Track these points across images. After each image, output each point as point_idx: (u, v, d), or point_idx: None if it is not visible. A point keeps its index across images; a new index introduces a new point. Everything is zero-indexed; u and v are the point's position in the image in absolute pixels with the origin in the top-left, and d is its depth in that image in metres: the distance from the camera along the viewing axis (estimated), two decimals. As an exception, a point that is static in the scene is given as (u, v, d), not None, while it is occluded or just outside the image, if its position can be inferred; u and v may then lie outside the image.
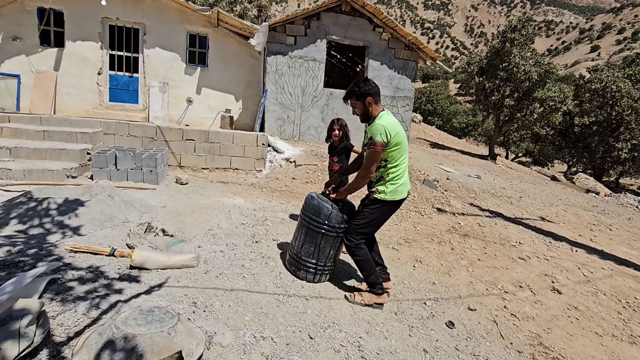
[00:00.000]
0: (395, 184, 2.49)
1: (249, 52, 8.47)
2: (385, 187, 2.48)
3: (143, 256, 2.39)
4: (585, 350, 2.70)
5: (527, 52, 17.63)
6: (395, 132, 2.41)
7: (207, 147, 6.19)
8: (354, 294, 2.69)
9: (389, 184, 2.48)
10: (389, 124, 2.42)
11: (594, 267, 4.59)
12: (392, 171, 2.47)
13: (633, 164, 23.19)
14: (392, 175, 2.48)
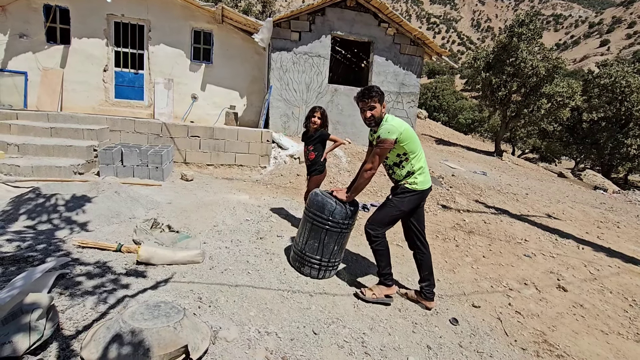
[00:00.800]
0: (423, 174, 2.57)
1: (253, 48, 8.46)
2: (416, 178, 2.55)
3: (149, 252, 2.42)
4: (591, 348, 2.69)
5: (534, 47, 17.41)
6: (404, 127, 2.50)
7: (212, 144, 6.22)
8: (364, 290, 2.69)
9: (417, 174, 2.54)
10: (397, 123, 2.52)
11: (601, 264, 4.56)
12: (415, 162, 2.54)
13: (641, 161, 22.81)
14: (418, 166, 2.55)
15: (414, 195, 2.55)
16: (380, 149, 2.50)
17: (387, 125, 2.48)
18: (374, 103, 2.54)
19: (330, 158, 7.02)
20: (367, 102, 2.56)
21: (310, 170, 3.82)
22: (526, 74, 16.91)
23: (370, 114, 2.56)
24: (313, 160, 3.78)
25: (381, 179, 6.61)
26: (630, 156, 22.51)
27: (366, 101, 2.56)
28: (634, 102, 21.20)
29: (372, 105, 2.54)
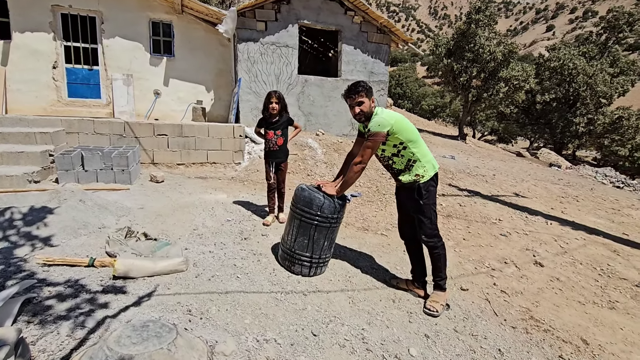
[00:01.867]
0: (427, 158, 2.52)
1: (217, 40, 8.08)
2: (423, 168, 2.48)
3: (126, 264, 2.22)
4: (572, 319, 2.83)
5: (491, 32, 18.04)
6: (395, 119, 2.44)
7: (182, 142, 5.89)
8: (431, 305, 2.58)
9: (423, 162, 2.48)
10: (388, 115, 2.46)
11: (569, 238, 4.84)
12: (416, 150, 2.47)
13: (589, 137, 24.61)
14: (419, 154, 2.48)
15: (432, 186, 2.52)
16: (372, 142, 2.43)
17: (378, 119, 2.42)
18: (361, 98, 2.47)
19: (305, 150, 6.90)
20: (354, 99, 2.49)
21: (277, 157, 3.73)
22: (485, 59, 17.53)
23: (359, 109, 2.49)
24: (282, 146, 3.70)
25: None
26: (579, 133, 24.23)
27: (353, 97, 2.49)
28: (581, 83, 22.71)
29: (360, 100, 2.48)
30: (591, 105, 23.31)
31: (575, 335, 2.60)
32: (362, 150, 2.52)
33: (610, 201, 8.08)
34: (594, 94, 22.57)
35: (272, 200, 3.77)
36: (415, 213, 2.55)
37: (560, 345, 2.46)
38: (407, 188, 2.55)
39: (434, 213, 2.55)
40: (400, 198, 2.74)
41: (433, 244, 2.54)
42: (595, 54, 23.60)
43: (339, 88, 8.34)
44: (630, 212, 7.17)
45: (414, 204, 2.53)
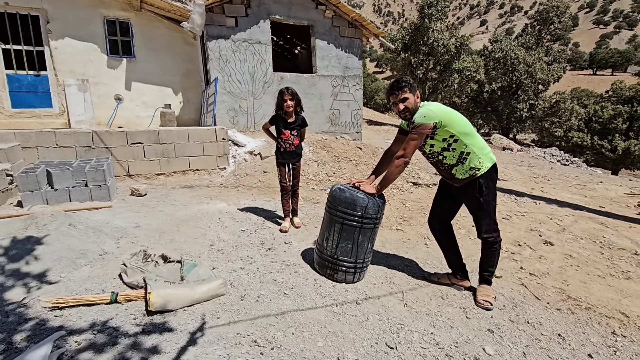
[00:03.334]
0: (484, 150, 2.37)
1: (182, 38, 7.50)
2: (478, 159, 2.33)
3: (163, 295, 1.87)
4: (603, 294, 2.91)
5: (443, 26, 18.84)
6: (444, 110, 2.31)
7: (160, 150, 5.35)
8: (484, 299, 2.49)
9: (478, 154, 2.33)
10: (435, 107, 2.31)
11: (560, 215, 5.09)
12: (469, 142, 2.32)
13: (532, 121, 26.75)
14: (474, 145, 2.33)
15: (491, 180, 2.40)
16: (417, 133, 2.28)
17: (423, 110, 2.28)
18: (405, 94, 2.31)
19: (292, 150, 6.63)
20: (397, 95, 2.32)
21: (293, 157, 3.52)
22: (439, 52, 18.29)
23: (404, 105, 2.33)
24: (297, 146, 3.52)
25: (347, 165, 6.48)
26: (523, 118, 26.28)
27: (397, 94, 2.32)
28: (522, 71, 24.58)
29: (404, 97, 2.32)
30: (530, 92, 25.38)
31: (614, 309, 2.67)
32: (406, 144, 2.37)
33: (573, 178, 8.76)
34: (534, 81, 24.56)
35: (288, 204, 3.50)
36: (476, 210, 2.44)
37: (607, 322, 2.49)
38: (466, 186, 2.42)
39: (494, 207, 2.45)
40: (459, 197, 2.59)
41: (493, 239, 2.46)
42: (532, 44, 25.62)
43: (316, 85, 8.15)
44: (594, 187, 7.80)
45: (474, 202, 2.42)
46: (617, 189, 8.08)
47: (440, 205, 2.77)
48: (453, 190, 2.63)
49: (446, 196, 2.72)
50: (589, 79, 67.96)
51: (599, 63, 74.53)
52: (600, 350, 2.15)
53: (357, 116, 8.75)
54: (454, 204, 2.71)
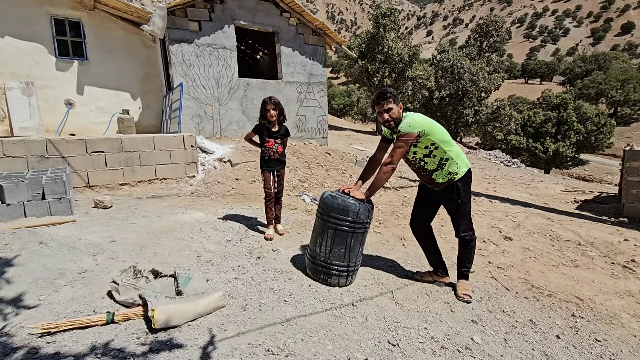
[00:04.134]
0: (460, 157, 2.58)
1: (140, 41, 7.15)
2: (456, 165, 2.53)
3: (167, 312, 1.82)
4: (559, 282, 3.29)
5: (397, 34, 19.80)
6: (426, 120, 2.48)
7: (123, 158, 5.05)
8: (464, 293, 2.68)
9: (455, 160, 2.53)
10: (418, 117, 2.50)
11: (513, 212, 5.61)
12: (448, 149, 2.52)
13: (477, 125, 28.92)
14: (452, 152, 2.53)
15: (467, 183, 2.62)
16: (403, 141, 2.44)
17: (409, 120, 2.45)
18: (389, 105, 2.48)
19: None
20: (382, 105, 2.48)
21: (277, 165, 3.57)
22: (394, 60, 19.19)
23: (388, 115, 2.49)
24: (281, 154, 3.57)
25: (319, 170, 6.57)
26: (469, 123, 28.35)
27: (382, 104, 2.48)
28: (467, 80, 26.55)
29: (389, 107, 2.48)
30: (475, 98, 27.49)
31: (570, 294, 3.03)
32: (393, 151, 2.52)
33: (518, 178, 9.67)
34: (477, 89, 26.62)
35: (272, 212, 3.50)
36: (454, 211, 2.65)
37: (567, 306, 2.83)
38: (445, 189, 2.62)
39: (470, 208, 2.68)
40: (439, 200, 2.79)
41: (469, 237, 2.68)
42: (474, 55, 27.77)
43: (282, 91, 8.19)
44: (536, 186, 8.67)
45: (452, 204, 2.63)
46: (555, 187, 9.06)
47: (421, 209, 2.96)
48: (433, 194, 2.84)
49: (426, 200, 2.92)
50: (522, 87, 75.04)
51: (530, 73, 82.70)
52: (565, 331, 2.44)
53: (323, 122, 8.92)
54: (434, 207, 2.92)
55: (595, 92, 45.90)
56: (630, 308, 2.83)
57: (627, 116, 46.43)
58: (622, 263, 3.80)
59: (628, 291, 3.15)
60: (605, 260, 3.88)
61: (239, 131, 7.58)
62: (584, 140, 24.52)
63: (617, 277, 3.46)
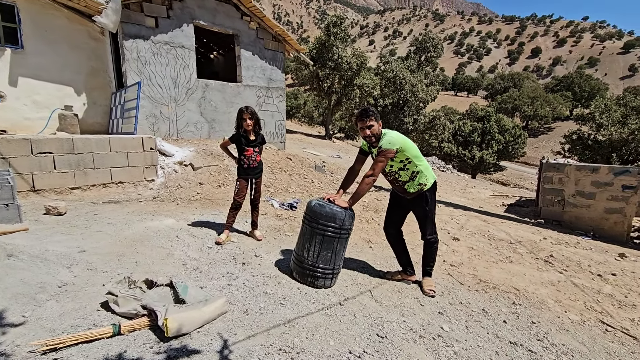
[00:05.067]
0: (428, 170, 2.94)
1: (87, 32, 6.61)
2: (425, 177, 2.89)
3: (179, 320, 1.87)
4: (500, 275, 3.88)
5: (346, 44, 20.59)
6: (402, 138, 2.81)
7: (75, 160, 4.67)
8: (429, 289, 3.05)
9: (425, 173, 2.89)
10: (396, 135, 2.84)
11: (457, 215, 6.33)
12: (419, 163, 2.87)
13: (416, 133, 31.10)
14: (422, 166, 2.89)
15: (433, 193, 2.98)
16: (384, 156, 2.75)
17: (389, 137, 2.77)
18: (371, 122, 2.77)
19: (225, 159, 6.51)
20: (365, 122, 2.77)
21: (256, 173, 3.67)
22: (343, 68, 19.94)
23: (369, 132, 2.78)
24: (259, 162, 3.67)
25: (282, 175, 6.69)
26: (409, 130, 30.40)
27: (365, 120, 2.77)
28: (407, 90, 28.48)
29: (370, 124, 2.77)
30: (414, 108, 29.60)
31: (509, 286, 3.61)
32: (374, 165, 2.82)
33: (455, 183, 10.76)
34: (417, 99, 28.67)
35: (233, 219, 3.54)
36: (422, 217, 3.03)
37: (508, 295, 3.38)
38: (415, 198, 2.99)
39: (434, 214, 3.09)
40: (409, 207, 3.14)
41: (433, 239, 3.08)
42: (414, 67, 29.91)
43: (241, 94, 8.15)
44: (471, 191, 9.76)
45: (421, 211, 3.00)
46: (485, 192, 10.28)
47: (393, 215, 3.31)
48: (404, 202, 3.21)
49: (398, 207, 3.28)
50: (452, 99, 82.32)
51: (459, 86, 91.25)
52: (509, 316, 2.93)
53: (281, 127, 9.04)
54: (404, 213, 3.29)
55: (511, 106, 52.31)
56: (553, 295, 3.47)
57: (536, 129, 53.68)
58: (544, 258, 4.57)
59: (550, 281, 3.83)
60: (531, 256, 4.63)
61: (197, 133, 7.38)
62: (503, 149, 27.88)
63: (542, 270, 4.17)
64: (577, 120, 29.76)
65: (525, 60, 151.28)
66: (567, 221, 6.35)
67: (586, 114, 23.63)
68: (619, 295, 3.51)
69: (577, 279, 3.89)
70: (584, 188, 6.09)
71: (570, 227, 6.27)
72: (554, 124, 54.05)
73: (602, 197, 5.89)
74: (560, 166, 6.37)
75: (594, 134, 18.89)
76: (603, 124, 17.54)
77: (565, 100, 55.72)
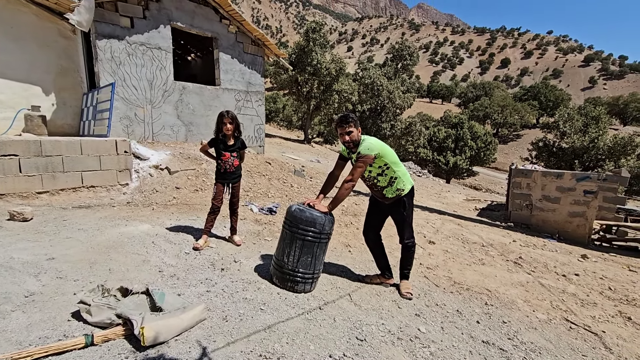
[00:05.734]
0: (406, 175, 3.00)
1: (56, 30, 6.35)
2: (403, 183, 2.96)
3: (157, 329, 1.83)
4: (473, 277, 4.03)
5: (325, 50, 20.79)
6: (381, 144, 2.87)
7: (43, 163, 4.45)
8: (406, 292, 3.11)
9: (402, 178, 2.96)
10: (375, 141, 2.89)
11: (433, 219, 6.51)
12: (397, 169, 2.94)
13: (393, 138, 31.73)
14: (400, 172, 2.96)
15: (411, 198, 3.06)
16: (363, 162, 2.81)
17: (367, 143, 2.83)
18: (350, 128, 2.83)
19: (203, 164, 6.40)
20: (345, 128, 2.83)
21: (233, 178, 3.64)
22: (322, 73, 20.10)
23: (348, 137, 2.84)
24: (237, 167, 3.65)
25: (261, 180, 6.65)
26: (386, 136, 30.98)
27: (344, 127, 2.83)
28: (384, 97, 29.07)
29: (350, 130, 2.83)
30: (391, 114, 30.24)
31: (481, 287, 3.75)
32: (353, 170, 2.88)
33: (430, 188, 11.06)
34: (394, 105, 29.32)
35: (211, 224, 3.50)
36: (400, 222, 3.10)
37: (480, 297, 3.52)
38: (394, 203, 3.06)
39: (412, 219, 3.17)
40: (388, 211, 3.21)
41: (411, 243, 3.16)
42: (391, 75, 30.59)
43: (219, 97, 8.06)
44: (445, 195, 10.06)
45: (399, 215, 3.07)
46: (459, 196, 10.63)
47: (372, 219, 3.38)
48: (383, 207, 3.28)
49: (377, 211, 3.35)
50: (427, 105, 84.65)
51: (434, 94, 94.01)
52: (482, 317, 3.05)
53: (260, 131, 9.00)
54: (383, 218, 3.36)
55: (483, 114, 54.46)
56: (522, 295, 3.63)
57: (506, 136, 56.10)
58: (514, 260, 4.78)
59: (519, 282, 4.01)
60: (502, 258, 4.83)
61: (173, 136, 7.22)
62: (475, 155, 28.93)
63: (512, 271, 4.36)
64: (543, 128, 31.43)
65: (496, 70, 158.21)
66: (535, 224, 6.67)
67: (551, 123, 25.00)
68: (581, 294, 3.73)
69: (544, 280, 4.09)
70: (549, 193, 6.43)
71: (538, 230, 6.59)
72: (522, 131, 56.69)
73: (566, 202, 6.24)
74: (528, 172, 6.71)
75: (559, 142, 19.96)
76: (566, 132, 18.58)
77: (533, 109, 58.59)
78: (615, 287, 4.02)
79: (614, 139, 18.90)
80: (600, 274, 4.47)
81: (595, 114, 19.82)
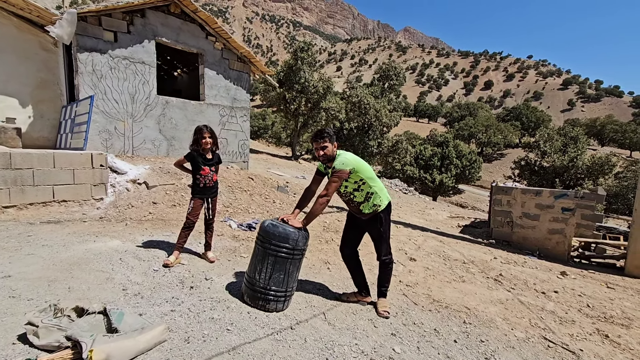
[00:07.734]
0: (383, 191, 2.98)
1: (37, 42, 6.28)
2: (379, 198, 2.93)
3: (107, 351, 1.71)
4: (452, 295, 3.98)
5: (313, 69, 21.16)
6: (356, 159, 2.86)
7: (11, 177, 4.28)
8: (383, 310, 3.04)
9: (379, 194, 2.93)
10: (350, 156, 2.88)
11: (415, 236, 6.49)
12: (373, 184, 2.91)
13: (380, 156, 32.08)
14: (376, 187, 2.93)
15: (388, 214, 3.02)
16: (337, 177, 2.79)
17: (342, 158, 2.82)
18: (325, 143, 2.82)
19: (183, 178, 6.28)
20: (319, 143, 2.82)
21: (212, 192, 3.58)
22: (310, 91, 20.38)
23: (323, 152, 2.83)
24: (215, 181, 3.59)
25: (242, 195, 6.55)
26: (374, 153, 31.31)
27: (319, 141, 2.82)
28: (372, 115, 29.55)
29: (324, 145, 2.82)
30: (378, 132, 30.69)
31: (461, 305, 3.70)
32: (328, 185, 2.85)
33: (415, 205, 11.11)
34: (380, 123, 29.79)
35: (184, 240, 3.38)
36: (377, 238, 3.06)
37: (459, 315, 3.46)
38: (370, 219, 3.02)
39: (389, 235, 3.13)
40: (365, 227, 3.17)
41: (388, 260, 3.11)
42: (378, 94, 31.23)
43: (203, 112, 8.03)
44: (429, 212, 10.10)
45: (376, 231, 3.03)
46: (443, 214, 10.69)
47: (349, 235, 3.33)
48: (360, 222, 3.24)
49: (354, 227, 3.30)
50: (414, 124, 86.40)
51: (420, 113, 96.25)
52: (459, 336, 2.99)
53: (244, 146, 8.95)
54: (360, 234, 3.31)
55: (467, 133, 55.81)
56: (502, 313, 3.59)
57: (490, 155, 57.42)
58: (494, 277, 4.77)
59: (499, 300, 3.97)
60: (482, 275, 4.81)
61: (155, 151, 7.10)
62: (461, 173, 29.42)
63: (492, 288, 4.33)
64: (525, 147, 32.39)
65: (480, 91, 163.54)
66: (516, 241, 6.72)
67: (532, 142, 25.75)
68: (560, 312, 3.71)
69: (524, 297, 4.07)
70: (529, 210, 6.51)
71: (519, 247, 6.64)
72: (505, 150, 58.19)
73: (545, 219, 6.32)
74: (508, 189, 6.80)
75: (540, 161, 20.49)
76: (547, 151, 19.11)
77: (515, 129, 60.42)
78: (594, 304, 4.02)
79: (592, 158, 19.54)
80: (579, 291, 4.48)
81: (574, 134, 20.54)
